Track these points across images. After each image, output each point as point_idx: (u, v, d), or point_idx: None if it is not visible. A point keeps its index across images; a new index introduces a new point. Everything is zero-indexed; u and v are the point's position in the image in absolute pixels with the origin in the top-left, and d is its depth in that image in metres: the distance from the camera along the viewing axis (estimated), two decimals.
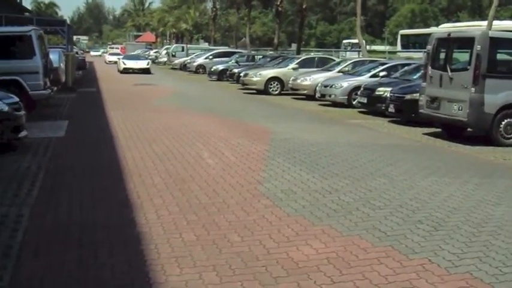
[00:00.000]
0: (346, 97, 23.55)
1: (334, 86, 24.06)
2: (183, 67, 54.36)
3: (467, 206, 8.55)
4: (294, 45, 67.70)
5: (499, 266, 6.13)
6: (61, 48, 33.53)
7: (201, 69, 49.74)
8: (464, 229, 7.37)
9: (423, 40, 35.69)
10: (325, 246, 6.65)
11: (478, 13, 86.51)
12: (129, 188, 9.24)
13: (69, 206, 8.23)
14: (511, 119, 14.56)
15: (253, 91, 31.02)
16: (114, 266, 5.96)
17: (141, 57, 57.42)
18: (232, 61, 43.39)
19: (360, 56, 39.09)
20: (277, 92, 30.41)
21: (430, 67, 15.86)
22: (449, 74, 15.07)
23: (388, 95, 19.09)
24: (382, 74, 23.24)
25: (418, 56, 33.61)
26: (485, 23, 33.91)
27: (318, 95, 25.17)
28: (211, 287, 5.49)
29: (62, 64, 26.16)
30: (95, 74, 47.50)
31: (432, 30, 42.35)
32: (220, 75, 41.57)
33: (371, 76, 23.60)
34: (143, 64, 50.56)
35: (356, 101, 22.61)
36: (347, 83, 23.82)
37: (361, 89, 21.81)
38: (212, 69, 43.53)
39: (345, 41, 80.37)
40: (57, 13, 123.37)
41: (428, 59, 16.11)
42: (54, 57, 23.00)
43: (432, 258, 6.30)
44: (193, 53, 60.34)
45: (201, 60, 51.51)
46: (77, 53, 49.88)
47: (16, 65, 17.72)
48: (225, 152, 12.61)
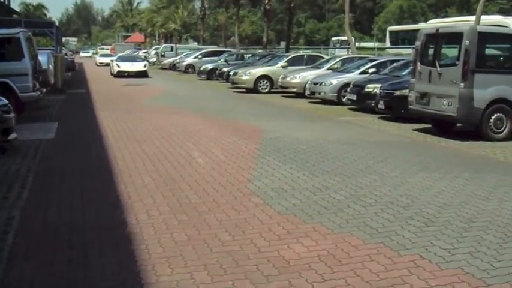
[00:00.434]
0: (336, 94, 23.59)
1: (323, 84, 24.08)
2: (173, 67, 54.24)
3: (458, 201, 8.56)
4: (283, 44, 67.61)
5: (491, 260, 6.13)
6: (50, 50, 33.49)
7: (190, 68, 49.67)
8: (456, 224, 7.37)
9: (412, 36, 35.68)
10: (316, 244, 6.64)
11: (466, 8, 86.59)
12: (119, 189, 9.21)
13: (59, 208, 8.19)
14: (501, 114, 14.59)
15: (243, 90, 31.01)
16: (105, 267, 5.94)
17: (138, 58, 52.35)
18: (222, 60, 43.35)
19: (349, 53, 39.06)
20: (266, 91, 30.41)
21: (419, 63, 15.88)
22: (438, 69, 15.09)
23: (377, 92, 19.12)
24: (371, 70, 23.26)
25: (407, 52, 33.57)
26: (473, 18, 33.89)
27: (307, 92, 25.20)
28: (202, 286, 5.47)
29: (51, 66, 26.11)
30: (85, 75, 47.36)
31: (421, 26, 42.26)
32: (210, 75, 41.52)
33: (360, 73, 23.61)
34: (140, 66, 45.55)
35: (346, 98, 22.64)
36: (336, 80, 23.84)
37: (351, 86, 21.83)
38: (201, 69, 43.48)
39: (333, 38, 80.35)
40: (45, 15, 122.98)
41: (417, 55, 16.13)
42: (43, 59, 22.92)
43: (423, 254, 6.30)
44: (183, 52, 60.19)
45: (190, 59, 51.44)
46: (66, 54, 49.63)
47: (5, 67, 17.65)
48: (215, 151, 12.59)
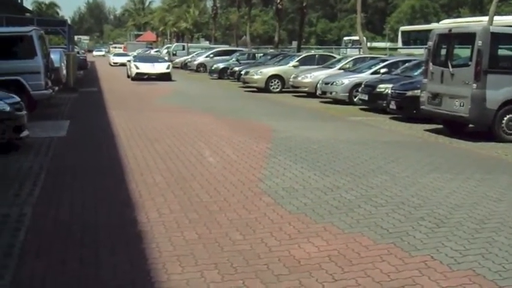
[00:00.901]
0: (347, 94, 23.55)
1: (335, 83, 24.05)
2: (184, 66, 54.20)
3: (469, 202, 8.53)
4: (294, 43, 67.55)
5: (502, 262, 6.11)
6: (62, 48, 33.56)
7: (201, 67, 49.69)
8: (467, 225, 7.35)
9: (424, 36, 35.63)
10: (327, 243, 6.63)
11: (479, 9, 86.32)
12: (130, 188, 9.23)
13: (71, 206, 8.22)
14: None
15: (254, 89, 31.02)
16: (116, 265, 5.95)
17: (159, 58, 45.40)
18: (233, 59, 43.35)
19: (361, 53, 39.02)
20: (278, 90, 30.38)
21: (431, 63, 15.83)
22: (451, 70, 15.04)
23: (389, 92, 19.07)
24: (383, 70, 23.21)
25: (419, 53, 33.54)
26: (486, 19, 33.81)
27: (318, 92, 25.17)
28: (213, 285, 5.47)
29: (63, 64, 26.15)
30: (97, 74, 47.36)
31: (433, 26, 42.22)
32: (221, 74, 41.53)
33: (372, 73, 23.57)
34: (162, 68, 39.45)
35: (357, 98, 22.58)
36: (348, 80, 23.81)
37: (362, 86, 21.79)
38: (213, 68, 43.49)
39: (345, 38, 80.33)
40: (58, 13, 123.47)
41: (429, 55, 16.08)
42: (55, 57, 22.97)
43: (435, 255, 6.28)
44: (194, 51, 60.20)
45: (201, 58, 51.46)
46: (78, 52, 49.69)
47: (17, 65, 17.71)
48: (227, 151, 12.59)
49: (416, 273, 5.77)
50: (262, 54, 43.97)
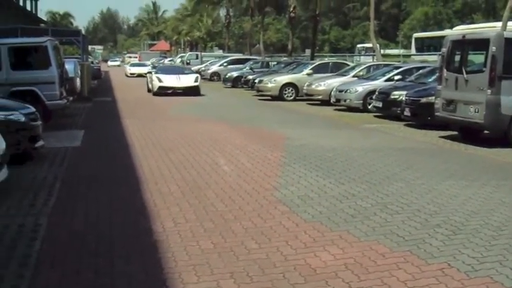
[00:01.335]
0: (361, 101, 23.50)
1: (349, 91, 24.02)
2: None
3: (485, 208, 8.47)
4: (308, 51, 67.51)
5: None
6: (76, 58, 33.72)
7: (215, 76, 49.80)
8: (484, 232, 7.29)
9: (437, 43, 35.50)
10: (342, 252, 6.59)
11: (492, 14, 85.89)
12: (145, 197, 9.23)
13: (86, 216, 8.23)
14: None
15: (268, 97, 31.02)
16: (131, 275, 5.94)
17: (185, 69, 39.31)
18: (247, 68, 43.42)
19: (374, 60, 38.96)
20: (292, 98, 30.37)
21: (445, 70, 15.77)
22: (465, 76, 14.97)
23: (403, 99, 19.01)
24: (397, 77, 23.12)
25: (433, 59, 33.45)
26: (499, 24, 33.65)
27: (332, 100, 25.13)
28: None
29: (77, 74, 26.29)
30: (111, 84, 47.41)
31: (446, 32, 42.06)
32: (235, 82, 41.60)
33: (386, 80, 23.50)
34: (189, 80, 33.95)
35: (371, 105, 22.54)
36: (362, 88, 23.76)
37: (376, 93, 21.74)
38: (227, 76, 43.58)
39: (358, 45, 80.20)
40: (72, 23, 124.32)
41: (443, 62, 16.03)
42: (69, 67, 23.14)
43: (451, 262, 6.24)
44: (208, 60, 60.34)
45: (215, 67, 51.57)
46: (92, 62, 49.90)
47: (32, 75, 17.81)
48: (241, 159, 12.59)
49: (434, 281, 5.73)
50: (275, 63, 43.99)
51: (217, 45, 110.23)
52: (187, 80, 33.83)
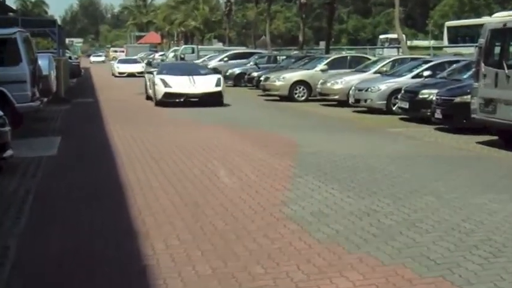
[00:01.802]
0: (385, 102, 23.48)
1: (370, 90, 24.01)
2: None
3: None
4: (322, 43, 67.72)
5: None
6: (51, 52, 33.76)
7: None
8: None
9: (474, 32, 35.66)
10: (363, 278, 6.59)
11: None
12: (132, 214, 9.23)
13: (63, 237, 8.23)
14: None
15: (276, 98, 31.08)
16: None
17: (201, 68, 32.67)
18: (251, 63, 43.44)
19: (400, 54, 39.02)
20: (303, 98, 30.38)
21: (483, 64, 15.75)
22: (506, 71, 14.96)
23: (433, 99, 19.00)
24: (426, 73, 23.11)
25: (469, 52, 33.47)
26: None
27: (351, 100, 25.13)
28: None
29: (52, 71, 26.31)
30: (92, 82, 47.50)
31: (484, 20, 42.05)
32: (237, 80, 41.64)
33: (413, 77, 23.48)
34: (208, 85, 27.65)
35: (396, 106, 22.53)
36: (385, 86, 23.75)
37: (402, 92, 21.73)
38: (228, 73, 43.49)
39: (381, 36, 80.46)
40: (46, 12, 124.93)
41: (480, 55, 16.02)
42: (43, 63, 23.09)
43: None
44: (205, 54, 60.36)
45: (214, 63, 51.46)
46: (70, 58, 49.97)
47: None
48: (245, 169, 12.60)
49: None
50: (284, 57, 44.03)
51: (216, 37, 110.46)
52: (205, 84, 27.70)
